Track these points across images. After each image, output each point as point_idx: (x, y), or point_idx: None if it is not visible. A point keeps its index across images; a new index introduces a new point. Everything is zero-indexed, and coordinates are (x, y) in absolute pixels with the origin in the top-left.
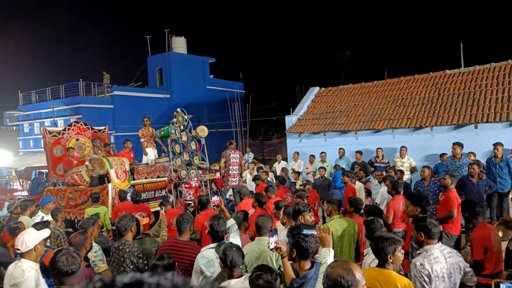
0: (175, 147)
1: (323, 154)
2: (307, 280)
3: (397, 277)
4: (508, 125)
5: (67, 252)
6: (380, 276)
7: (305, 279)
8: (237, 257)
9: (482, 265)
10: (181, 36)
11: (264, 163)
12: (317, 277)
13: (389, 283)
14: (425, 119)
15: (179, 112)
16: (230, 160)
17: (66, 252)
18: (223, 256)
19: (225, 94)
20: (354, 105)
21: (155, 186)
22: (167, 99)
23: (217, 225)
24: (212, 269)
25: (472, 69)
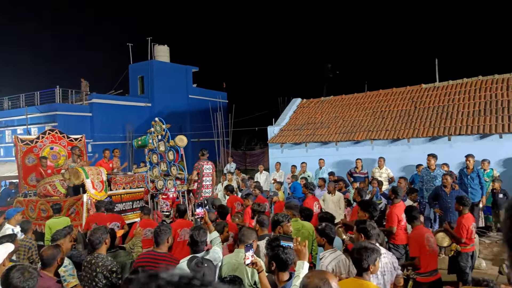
0: (153, 157)
1: (304, 165)
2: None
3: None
4: (479, 138)
5: (23, 267)
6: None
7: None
8: (208, 274)
9: (418, 263)
10: (164, 45)
11: (246, 173)
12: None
13: None
14: (402, 131)
15: (157, 121)
16: (203, 171)
17: (22, 267)
18: (193, 272)
19: (208, 103)
20: (334, 117)
21: (133, 196)
22: (148, 107)
23: (198, 235)
24: None
25: (446, 83)
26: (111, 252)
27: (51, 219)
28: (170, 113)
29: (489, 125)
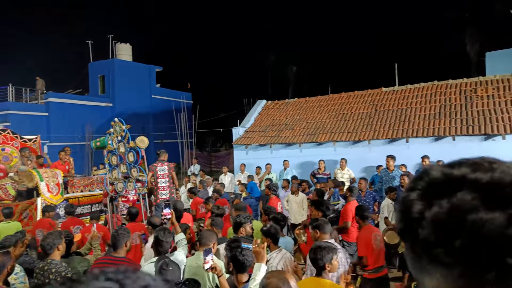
0: (112, 159)
1: (268, 166)
2: None
3: (332, 286)
4: (434, 140)
5: None
6: (317, 286)
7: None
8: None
9: (366, 262)
10: (126, 43)
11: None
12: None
13: None
14: (363, 133)
15: (116, 121)
16: (157, 173)
17: None
18: (158, 275)
19: (172, 104)
20: (299, 119)
21: (91, 200)
22: (109, 107)
23: (163, 236)
24: None
25: (404, 87)
26: (66, 258)
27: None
28: (133, 113)
29: (443, 128)
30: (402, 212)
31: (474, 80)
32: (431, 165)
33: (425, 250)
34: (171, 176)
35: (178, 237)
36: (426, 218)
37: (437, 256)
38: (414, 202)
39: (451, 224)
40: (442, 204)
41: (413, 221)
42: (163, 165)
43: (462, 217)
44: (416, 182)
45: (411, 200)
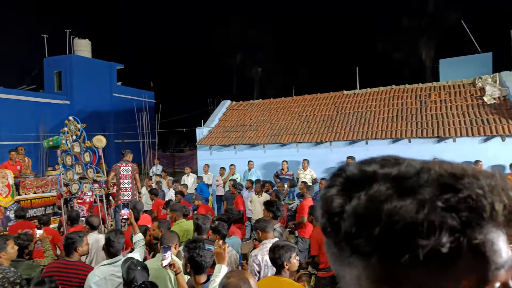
0: (66, 159)
1: (232, 167)
2: None
3: (293, 285)
4: (391, 142)
5: None
6: (277, 285)
7: None
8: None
9: (318, 261)
10: (85, 39)
11: (174, 175)
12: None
13: None
14: (325, 135)
15: (71, 120)
16: (121, 173)
17: None
18: (125, 275)
19: (134, 103)
20: (263, 120)
21: (45, 201)
22: (66, 105)
23: (114, 238)
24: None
25: (364, 91)
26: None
27: None
28: (92, 112)
29: (400, 131)
30: (323, 209)
31: (428, 86)
32: (347, 162)
33: (347, 242)
34: (134, 178)
35: (136, 238)
36: (346, 211)
37: (358, 246)
38: (334, 198)
39: (369, 214)
40: (360, 196)
41: (335, 216)
42: (127, 165)
43: (378, 207)
44: (334, 179)
45: (331, 196)
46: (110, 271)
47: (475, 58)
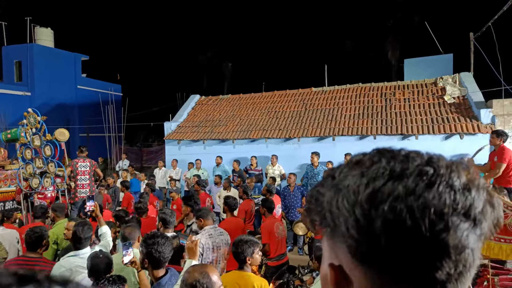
0: (26, 152)
1: (198, 161)
2: (161, 287)
3: (255, 278)
4: (357, 138)
5: None
6: (240, 279)
7: (159, 286)
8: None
9: (268, 249)
10: (47, 27)
11: (142, 170)
12: (173, 283)
13: (248, 285)
14: (293, 131)
15: (30, 112)
16: (78, 169)
17: None
18: (91, 265)
19: (99, 95)
20: (232, 115)
21: (4, 196)
22: (27, 97)
23: (81, 232)
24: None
25: (332, 88)
26: None
27: None
28: (55, 104)
29: (366, 127)
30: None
31: (393, 84)
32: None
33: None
34: (96, 173)
35: (102, 230)
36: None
37: None
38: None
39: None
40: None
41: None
42: (85, 161)
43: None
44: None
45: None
46: (75, 262)
47: (437, 59)
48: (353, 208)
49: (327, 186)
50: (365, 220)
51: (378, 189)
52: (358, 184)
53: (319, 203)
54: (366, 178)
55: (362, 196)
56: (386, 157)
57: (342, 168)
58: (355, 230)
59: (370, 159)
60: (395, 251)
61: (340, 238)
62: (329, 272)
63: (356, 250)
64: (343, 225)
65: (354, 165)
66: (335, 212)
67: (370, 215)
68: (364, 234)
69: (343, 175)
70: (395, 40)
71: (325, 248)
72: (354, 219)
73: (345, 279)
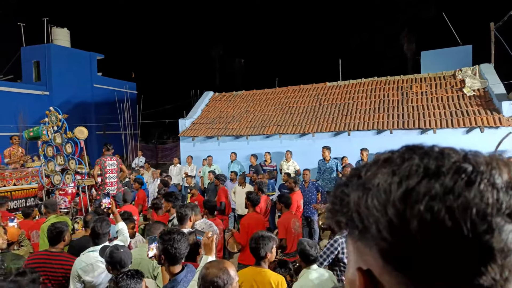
0: (47, 150)
1: (210, 158)
2: (177, 283)
3: (271, 275)
4: (373, 133)
5: None
6: (257, 275)
7: (175, 283)
8: (126, 258)
9: (285, 244)
10: (64, 27)
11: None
12: (189, 280)
13: (264, 282)
14: (308, 126)
15: (52, 111)
16: (106, 167)
17: None
18: (110, 258)
19: (115, 94)
20: (246, 111)
21: (26, 193)
22: (46, 96)
23: (100, 227)
24: (91, 274)
25: (347, 82)
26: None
27: None
28: (73, 103)
29: (382, 122)
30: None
31: (410, 77)
32: None
33: None
34: (121, 169)
35: (118, 226)
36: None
37: None
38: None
39: None
40: None
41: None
42: (112, 159)
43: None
44: None
45: None
46: (96, 257)
47: (455, 51)
48: (385, 208)
49: (353, 185)
50: (399, 220)
51: (413, 188)
52: (390, 182)
53: (344, 203)
54: (398, 177)
55: (394, 195)
56: (418, 154)
57: (369, 166)
58: (388, 232)
59: (400, 156)
60: (433, 254)
61: (369, 241)
62: (358, 277)
63: (389, 253)
64: (373, 227)
65: (383, 163)
66: (364, 213)
67: (405, 216)
68: (398, 235)
69: (371, 174)
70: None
71: (351, 251)
72: (386, 220)
73: (374, 285)
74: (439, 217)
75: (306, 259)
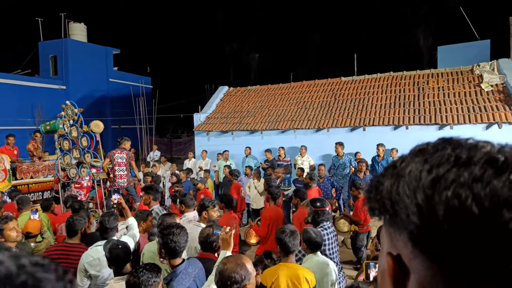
0: (63, 143)
1: (227, 152)
2: (176, 275)
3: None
4: (390, 128)
5: None
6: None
7: (174, 274)
8: (124, 255)
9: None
10: (81, 22)
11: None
12: (188, 272)
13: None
14: (323, 121)
15: (68, 105)
16: (115, 160)
17: None
18: (108, 254)
19: (130, 88)
20: (260, 106)
21: (42, 186)
22: (63, 90)
23: (107, 222)
24: (98, 268)
25: (362, 77)
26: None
27: None
28: (89, 97)
29: (398, 117)
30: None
31: (426, 72)
32: None
33: None
34: (130, 165)
35: (129, 221)
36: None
37: None
38: None
39: None
40: None
41: None
42: (122, 153)
43: None
44: None
45: None
46: (103, 251)
47: (473, 45)
48: (415, 194)
49: (388, 175)
50: (428, 204)
51: (442, 175)
52: (420, 169)
53: (378, 191)
54: (429, 164)
55: (424, 181)
56: (452, 144)
57: (404, 157)
58: (417, 216)
59: (434, 147)
60: (459, 239)
61: (400, 225)
62: (387, 261)
63: (417, 236)
64: (403, 211)
65: (417, 152)
66: (395, 198)
67: (433, 201)
68: (426, 220)
69: (405, 163)
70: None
71: (384, 238)
72: (415, 204)
73: (403, 270)
74: (466, 204)
75: (312, 246)
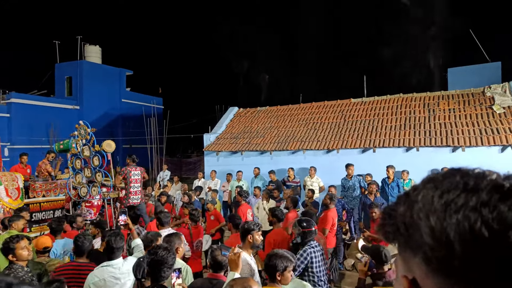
0: (76, 162)
1: (240, 173)
2: None
3: None
4: (400, 150)
5: None
6: None
7: None
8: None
9: None
10: (96, 45)
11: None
12: None
13: None
14: (332, 142)
15: (81, 124)
16: (131, 177)
17: None
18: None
19: (142, 108)
20: (270, 127)
21: (54, 205)
22: (76, 110)
23: (114, 242)
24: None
25: (372, 99)
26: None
27: None
28: (102, 116)
29: (408, 139)
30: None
31: (436, 94)
32: None
33: None
34: (143, 177)
35: (135, 242)
36: None
37: None
38: None
39: None
40: None
41: None
42: (137, 169)
43: None
44: None
45: None
46: (109, 272)
47: (483, 67)
48: (427, 216)
49: (401, 202)
50: (440, 226)
51: (452, 200)
52: (432, 195)
53: (392, 217)
54: (439, 190)
55: (436, 205)
56: (460, 173)
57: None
58: (430, 236)
59: (443, 175)
60: (471, 261)
61: (413, 247)
62: (403, 283)
63: (430, 257)
64: (417, 233)
65: (428, 181)
66: (409, 221)
67: (445, 222)
68: (438, 240)
69: (417, 191)
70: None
71: (399, 262)
72: (428, 226)
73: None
74: (476, 226)
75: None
